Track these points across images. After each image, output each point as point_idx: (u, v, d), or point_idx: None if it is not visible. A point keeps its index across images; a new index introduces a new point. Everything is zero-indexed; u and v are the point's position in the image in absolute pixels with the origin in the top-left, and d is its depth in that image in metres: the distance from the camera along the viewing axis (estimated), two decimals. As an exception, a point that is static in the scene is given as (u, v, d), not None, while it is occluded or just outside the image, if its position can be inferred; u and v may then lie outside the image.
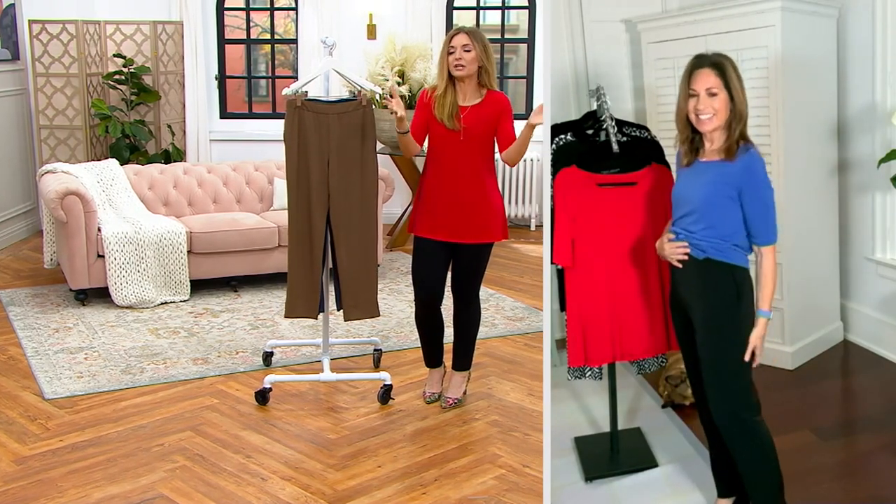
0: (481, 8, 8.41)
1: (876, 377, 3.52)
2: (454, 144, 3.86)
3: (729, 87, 2.73)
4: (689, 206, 2.83)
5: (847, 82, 3.49)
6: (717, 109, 2.73)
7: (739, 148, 2.76)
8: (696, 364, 2.93)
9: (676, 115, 2.86)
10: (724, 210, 2.77)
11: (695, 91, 2.75)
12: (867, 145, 3.45)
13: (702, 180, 2.81)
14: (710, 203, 2.78)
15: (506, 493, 3.35)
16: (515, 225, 8.14)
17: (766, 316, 2.76)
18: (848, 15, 3.45)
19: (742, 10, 3.37)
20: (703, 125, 2.77)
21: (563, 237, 3.12)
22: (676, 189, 2.92)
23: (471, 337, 4.12)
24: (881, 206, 3.45)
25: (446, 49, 3.85)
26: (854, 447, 3.36)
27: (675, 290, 2.96)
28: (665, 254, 2.92)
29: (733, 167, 2.75)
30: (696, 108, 2.76)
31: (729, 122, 2.76)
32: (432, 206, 3.92)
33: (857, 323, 3.60)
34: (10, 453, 3.61)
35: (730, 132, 2.76)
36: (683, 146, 2.88)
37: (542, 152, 7.70)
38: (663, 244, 2.92)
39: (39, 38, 7.06)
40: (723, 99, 2.73)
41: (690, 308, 2.88)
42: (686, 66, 2.80)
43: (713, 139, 2.80)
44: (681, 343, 3.02)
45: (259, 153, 7.43)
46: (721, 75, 2.73)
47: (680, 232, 2.86)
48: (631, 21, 3.68)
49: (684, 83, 2.79)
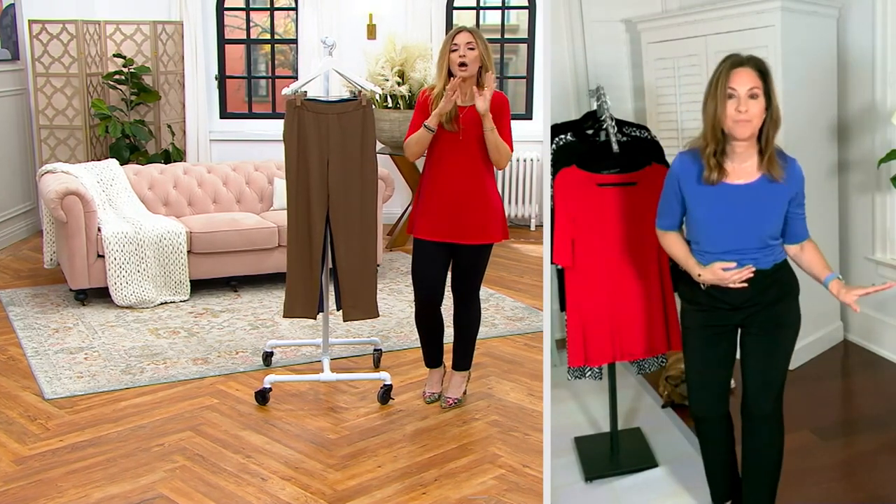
0: (481, 8, 8.40)
1: (876, 377, 3.52)
2: (453, 145, 3.85)
3: (769, 92, 2.54)
4: (743, 233, 2.64)
5: (847, 82, 3.49)
6: (756, 115, 2.53)
7: (779, 160, 2.60)
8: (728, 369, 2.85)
9: (709, 123, 2.58)
10: (778, 225, 2.68)
11: (734, 90, 2.53)
12: (867, 145, 3.45)
13: (751, 207, 2.61)
14: (771, 226, 2.65)
15: (506, 493, 3.35)
16: (515, 225, 8.14)
17: (838, 276, 2.71)
18: (848, 15, 3.44)
19: (742, 10, 3.36)
20: (739, 128, 2.54)
21: (563, 237, 3.12)
22: (709, 216, 2.66)
23: (471, 337, 4.12)
24: (881, 206, 3.45)
25: (448, 47, 3.82)
26: (854, 447, 3.36)
27: (726, 307, 2.74)
28: (724, 282, 2.67)
29: (783, 186, 2.60)
30: (736, 110, 2.52)
31: (766, 131, 2.56)
32: (431, 207, 3.91)
33: (857, 323, 3.60)
34: (10, 453, 3.61)
35: (766, 143, 2.56)
36: (713, 160, 2.60)
37: (542, 152, 7.70)
38: (718, 275, 2.66)
39: (39, 38, 7.06)
40: (761, 104, 2.53)
41: (754, 314, 2.73)
42: (722, 63, 2.57)
43: (742, 154, 2.60)
44: (721, 353, 2.82)
45: (259, 153, 7.43)
46: (763, 77, 2.54)
47: (739, 259, 2.66)
48: (631, 21, 3.68)
49: (722, 82, 2.54)
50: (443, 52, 3.86)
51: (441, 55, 3.86)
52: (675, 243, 2.83)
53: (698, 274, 2.73)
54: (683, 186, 2.72)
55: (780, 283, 2.74)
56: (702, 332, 2.83)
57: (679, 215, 2.81)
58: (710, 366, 2.85)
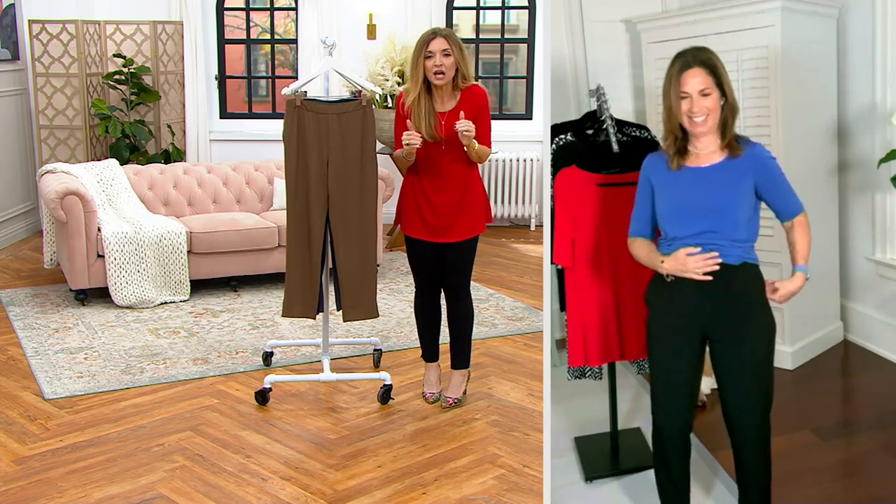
0: (481, 8, 8.40)
1: (876, 377, 3.51)
2: (436, 154, 3.84)
3: (721, 85, 2.64)
4: (709, 213, 2.67)
5: (847, 82, 3.48)
6: (711, 109, 2.64)
7: (739, 140, 2.69)
8: (695, 380, 2.82)
9: (665, 118, 2.71)
10: (746, 210, 2.69)
11: (686, 93, 2.64)
12: (867, 145, 3.44)
13: (716, 185, 2.68)
14: (735, 205, 2.67)
15: (506, 493, 3.35)
16: (515, 225, 8.14)
17: (804, 271, 2.69)
18: (848, 15, 3.44)
19: (742, 10, 3.36)
20: (697, 127, 2.66)
21: (563, 237, 3.12)
22: (677, 200, 2.73)
23: (466, 333, 4.12)
24: (881, 206, 3.45)
25: (422, 53, 3.73)
26: (854, 447, 3.36)
27: (690, 307, 2.72)
28: (687, 269, 2.67)
29: (744, 162, 2.67)
30: (689, 110, 2.64)
31: (724, 119, 2.67)
32: (416, 209, 3.93)
33: (857, 323, 3.59)
34: (10, 453, 3.61)
35: (726, 129, 2.67)
36: (671, 149, 2.73)
37: (542, 152, 7.70)
38: (681, 261, 2.68)
39: (39, 38, 7.06)
40: (716, 98, 2.64)
41: (715, 322, 2.71)
42: (672, 66, 2.69)
43: (705, 141, 2.70)
44: (687, 363, 2.79)
45: (259, 153, 7.43)
46: (712, 73, 2.64)
47: (704, 243, 2.68)
48: (631, 21, 3.68)
49: (674, 85, 2.66)
50: (416, 57, 3.75)
51: (414, 61, 3.76)
52: (641, 246, 2.86)
53: (661, 262, 2.74)
54: (653, 180, 2.81)
55: (746, 284, 2.70)
56: (667, 340, 2.80)
57: (650, 218, 2.84)
58: (675, 377, 2.81)
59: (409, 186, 3.97)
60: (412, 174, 3.95)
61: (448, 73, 3.75)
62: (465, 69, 3.80)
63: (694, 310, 2.72)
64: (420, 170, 3.90)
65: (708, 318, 2.72)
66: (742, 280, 2.69)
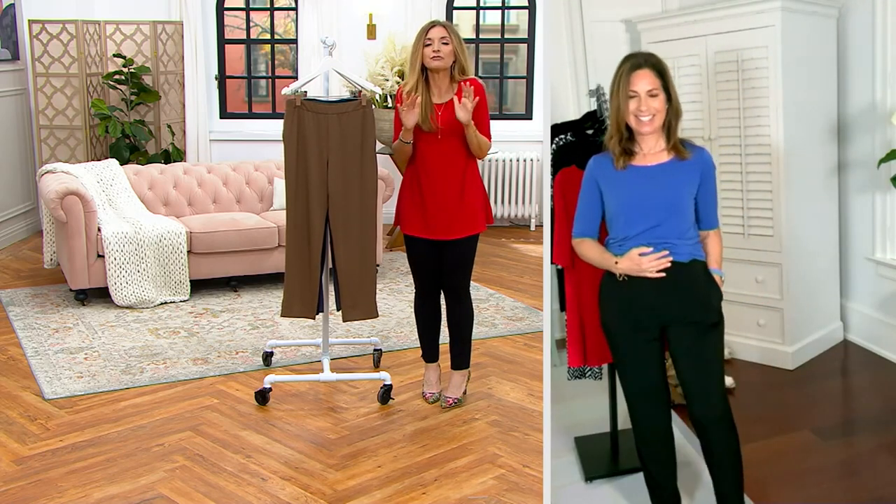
0: (481, 8, 8.40)
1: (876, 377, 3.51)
2: (433, 145, 3.84)
3: (667, 88, 2.74)
4: (659, 211, 2.76)
5: (847, 82, 3.49)
6: (658, 110, 2.73)
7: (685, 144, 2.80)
8: (663, 376, 2.88)
9: (613, 117, 2.80)
10: (690, 209, 2.80)
11: (635, 92, 2.72)
12: (867, 145, 3.44)
13: (664, 183, 2.77)
14: (684, 203, 2.78)
15: (506, 493, 3.35)
16: (515, 225, 8.14)
17: (721, 274, 2.86)
18: (848, 15, 3.44)
19: (742, 10, 3.36)
20: (643, 126, 2.74)
21: (563, 237, 3.12)
22: (625, 198, 2.80)
23: (466, 334, 4.12)
24: (881, 206, 3.45)
25: (422, 41, 3.77)
26: (854, 447, 3.36)
27: (647, 303, 2.79)
28: (641, 269, 2.75)
29: (691, 163, 2.77)
30: (637, 109, 2.73)
31: (668, 121, 2.76)
32: (415, 206, 3.93)
33: (857, 323, 3.59)
34: (10, 453, 3.61)
35: (671, 131, 2.77)
36: (617, 148, 2.80)
37: (542, 152, 7.70)
38: (635, 261, 2.75)
39: (39, 38, 7.06)
40: (662, 100, 2.73)
41: (673, 316, 2.79)
42: (622, 66, 2.77)
43: (650, 141, 2.78)
44: (652, 358, 2.86)
45: (259, 153, 7.43)
46: (660, 76, 2.73)
47: (655, 242, 2.76)
48: (631, 21, 3.68)
49: (623, 84, 2.74)
50: (416, 46, 3.80)
51: (414, 50, 3.80)
52: (591, 247, 2.90)
53: (615, 262, 2.80)
54: (601, 181, 2.85)
55: (698, 277, 2.81)
56: (630, 338, 2.85)
57: (597, 219, 2.89)
58: (645, 375, 2.87)
59: (407, 182, 3.98)
60: (410, 170, 3.95)
61: (446, 60, 3.77)
62: (464, 61, 3.82)
63: (651, 305, 2.80)
64: (418, 162, 3.91)
65: (665, 310, 2.80)
66: (694, 274, 2.80)
